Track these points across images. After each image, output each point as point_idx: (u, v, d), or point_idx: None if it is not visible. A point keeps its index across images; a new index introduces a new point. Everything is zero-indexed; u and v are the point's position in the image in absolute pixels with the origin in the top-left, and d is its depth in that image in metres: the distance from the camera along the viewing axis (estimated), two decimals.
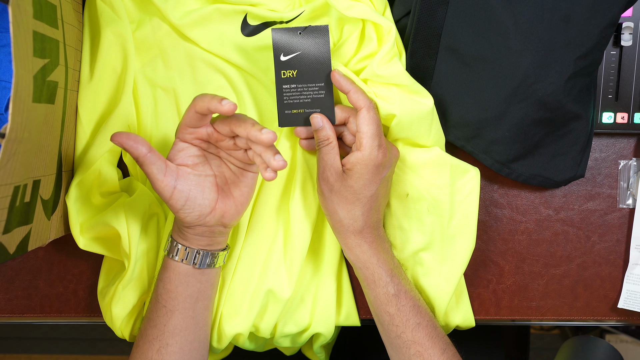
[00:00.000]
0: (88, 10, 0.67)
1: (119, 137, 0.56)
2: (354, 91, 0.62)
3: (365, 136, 0.61)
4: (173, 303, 0.63)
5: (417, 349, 0.64)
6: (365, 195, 0.63)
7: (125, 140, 0.56)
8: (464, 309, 0.72)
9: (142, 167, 0.58)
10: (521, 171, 0.69)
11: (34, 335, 1.79)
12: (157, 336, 0.64)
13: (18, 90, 0.49)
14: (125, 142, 0.56)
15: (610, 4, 0.61)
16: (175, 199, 0.59)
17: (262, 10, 0.67)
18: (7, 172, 0.50)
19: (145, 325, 0.65)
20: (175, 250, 0.63)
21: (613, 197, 0.75)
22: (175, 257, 0.63)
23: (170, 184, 0.59)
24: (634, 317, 0.76)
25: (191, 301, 0.64)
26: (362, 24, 0.66)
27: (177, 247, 0.63)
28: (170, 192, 0.59)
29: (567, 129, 0.67)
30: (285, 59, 0.64)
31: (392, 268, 0.65)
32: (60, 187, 0.64)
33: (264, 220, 0.69)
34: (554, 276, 0.75)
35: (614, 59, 0.70)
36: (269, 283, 0.68)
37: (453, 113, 0.68)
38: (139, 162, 0.58)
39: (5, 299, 0.76)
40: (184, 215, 0.60)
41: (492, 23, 0.62)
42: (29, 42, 0.51)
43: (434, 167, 0.67)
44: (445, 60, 0.67)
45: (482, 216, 0.75)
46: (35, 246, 0.61)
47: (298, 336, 0.73)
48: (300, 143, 0.68)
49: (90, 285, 0.75)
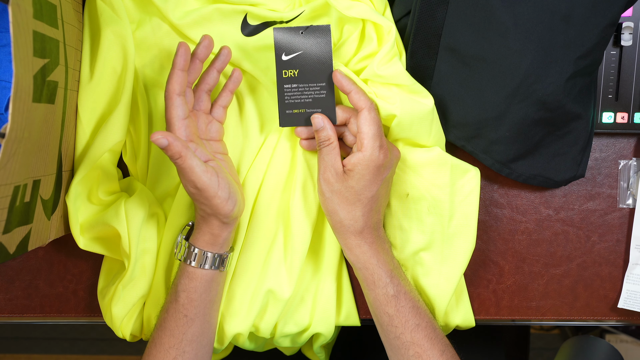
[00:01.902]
0: (88, 10, 0.67)
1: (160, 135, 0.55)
2: (355, 92, 0.62)
3: (366, 137, 0.61)
4: (195, 311, 0.63)
5: (416, 350, 0.64)
6: (366, 196, 0.63)
7: (167, 137, 0.55)
8: (464, 309, 0.72)
9: (183, 162, 0.57)
10: (521, 171, 0.69)
11: (34, 335, 1.79)
12: (174, 345, 0.63)
13: (18, 90, 0.49)
14: (167, 137, 0.55)
15: (610, 4, 0.61)
16: (222, 188, 0.60)
17: (262, 10, 0.67)
18: (7, 172, 0.50)
19: (161, 334, 0.64)
20: (204, 258, 0.63)
21: (613, 197, 0.75)
22: (205, 265, 0.63)
23: (214, 175, 0.59)
24: (634, 317, 0.76)
25: (210, 306, 0.65)
26: (362, 24, 0.66)
27: (204, 256, 0.63)
28: (217, 183, 0.59)
29: (567, 129, 0.67)
30: (287, 58, 0.64)
31: (392, 269, 0.65)
32: (60, 187, 0.64)
33: (264, 220, 0.69)
34: (554, 276, 0.75)
35: (614, 59, 0.70)
36: (269, 283, 0.68)
37: (453, 113, 0.68)
38: (180, 157, 0.56)
39: (5, 299, 0.76)
40: (232, 205, 0.61)
41: (492, 23, 0.62)
42: (29, 42, 0.51)
43: (434, 167, 0.67)
44: (445, 60, 0.67)
45: (482, 216, 0.75)
46: (35, 246, 0.61)
47: (298, 336, 0.73)
48: (301, 143, 0.68)
49: (90, 285, 0.75)
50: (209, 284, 0.64)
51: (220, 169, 0.62)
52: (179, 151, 0.56)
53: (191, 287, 0.63)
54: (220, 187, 0.60)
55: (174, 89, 0.60)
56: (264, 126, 0.70)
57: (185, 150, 0.57)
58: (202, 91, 0.65)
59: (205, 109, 0.65)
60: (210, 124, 0.66)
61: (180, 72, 0.60)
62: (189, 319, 0.63)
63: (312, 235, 0.69)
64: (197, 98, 0.65)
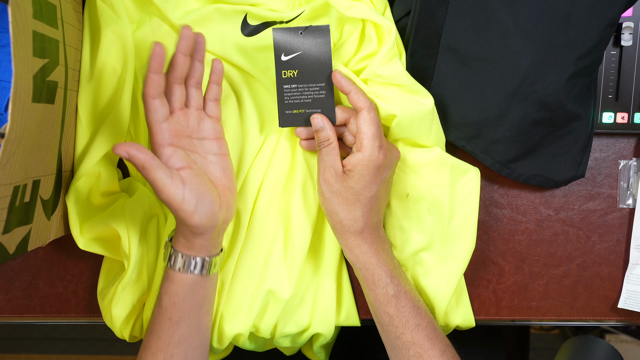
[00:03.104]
0: (88, 10, 0.67)
1: (121, 147, 0.55)
2: (354, 92, 0.62)
3: (366, 137, 0.61)
4: (179, 314, 0.62)
5: (416, 350, 0.64)
6: (366, 196, 0.63)
7: (129, 148, 0.55)
8: (464, 309, 0.72)
9: (147, 174, 0.56)
10: (521, 171, 0.69)
11: (34, 335, 1.79)
12: (161, 348, 0.62)
13: (18, 90, 0.49)
14: (128, 150, 0.55)
15: (610, 4, 0.61)
16: (187, 201, 0.57)
17: (262, 10, 0.67)
18: (6, 172, 0.50)
19: (149, 338, 0.64)
20: (182, 262, 0.61)
21: (613, 197, 0.75)
22: (182, 268, 0.61)
23: (180, 187, 0.57)
24: (634, 317, 0.76)
25: (197, 309, 0.63)
26: (362, 24, 0.66)
27: (183, 259, 0.61)
28: (182, 196, 0.57)
29: (567, 129, 0.67)
30: (286, 59, 0.64)
31: (392, 269, 0.65)
32: (60, 187, 0.64)
33: (264, 220, 0.69)
34: (554, 276, 0.75)
35: (614, 59, 0.70)
36: (269, 283, 0.68)
37: (453, 113, 0.68)
38: (144, 169, 0.56)
39: (5, 299, 0.76)
40: (199, 218, 0.58)
41: (492, 23, 0.62)
42: (28, 42, 0.51)
43: (435, 167, 0.67)
44: (445, 60, 0.67)
45: (482, 216, 0.75)
46: (35, 246, 0.61)
47: (298, 336, 0.73)
48: (301, 143, 0.68)
49: (90, 285, 0.75)
50: (192, 288, 0.62)
51: (192, 179, 0.59)
52: (141, 163, 0.55)
53: (172, 291, 0.62)
54: (186, 200, 0.57)
55: (149, 93, 0.57)
56: (263, 126, 0.70)
57: (149, 162, 0.55)
58: (189, 86, 0.62)
59: (197, 104, 0.62)
60: (202, 121, 0.63)
61: (155, 76, 0.57)
62: (174, 322, 0.62)
63: (312, 235, 0.69)
64: (187, 94, 0.62)
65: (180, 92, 0.60)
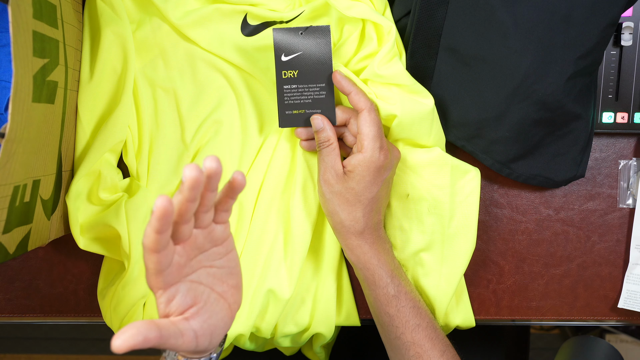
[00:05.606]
0: (88, 10, 0.67)
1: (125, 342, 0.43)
2: (355, 92, 0.62)
3: (366, 138, 0.61)
4: None
5: (416, 350, 0.64)
6: (367, 196, 0.63)
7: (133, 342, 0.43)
8: (464, 309, 0.72)
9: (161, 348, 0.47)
10: (521, 171, 0.69)
11: (34, 335, 1.79)
12: None
13: (18, 90, 0.49)
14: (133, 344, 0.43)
15: (610, 4, 0.61)
16: (201, 343, 0.50)
17: (262, 10, 0.67)
18: (6, 172, 0.50)
19: None
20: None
21: (613, 197, 0.75)
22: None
23: (191, 338, 0.49)
24: (634, 317, 0.76)
25: None
26: (362, 24, 0.66)
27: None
28: (194, 344, 0.49)
29: (567, 129, 0.67)
30: (286, 59, 0.64)
31: (393, 269, 0.65)
32: (60, 187, 0.64)
33: (265, 221, 0.69)
34: (554, 276, 0.75)
35: (614, 59, 0.70)
36: (270, 283, 0.68)
37: (453, 113, 0.68)
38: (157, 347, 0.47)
39: (5, 299, 0.76)
40: (212, 347, 0.52)
41: (492, 23, 0.62)
42: (28, 42, 0.51)
43: (435, 167, 0.67)
44: (445, 60, 0.67)
45: (482, 216, 0.75)
46: (35, 246, 0.61)
47: (298, 336, 0.73)
48: (301, 144, 0.68)
49: (90, 285, 0.75)
50: None
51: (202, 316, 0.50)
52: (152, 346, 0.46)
53: None
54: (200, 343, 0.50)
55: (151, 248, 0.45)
56: (263, 127, 0.70)
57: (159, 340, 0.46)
58: (200, 213, 0.49)
59: (206, 225, 0.50)
60: (211, 233, 0.51)
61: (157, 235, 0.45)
62: None
63: (312, 235, 0.69)
64: (196, 219, 0.49)
65: (188, 228, 0.48)
